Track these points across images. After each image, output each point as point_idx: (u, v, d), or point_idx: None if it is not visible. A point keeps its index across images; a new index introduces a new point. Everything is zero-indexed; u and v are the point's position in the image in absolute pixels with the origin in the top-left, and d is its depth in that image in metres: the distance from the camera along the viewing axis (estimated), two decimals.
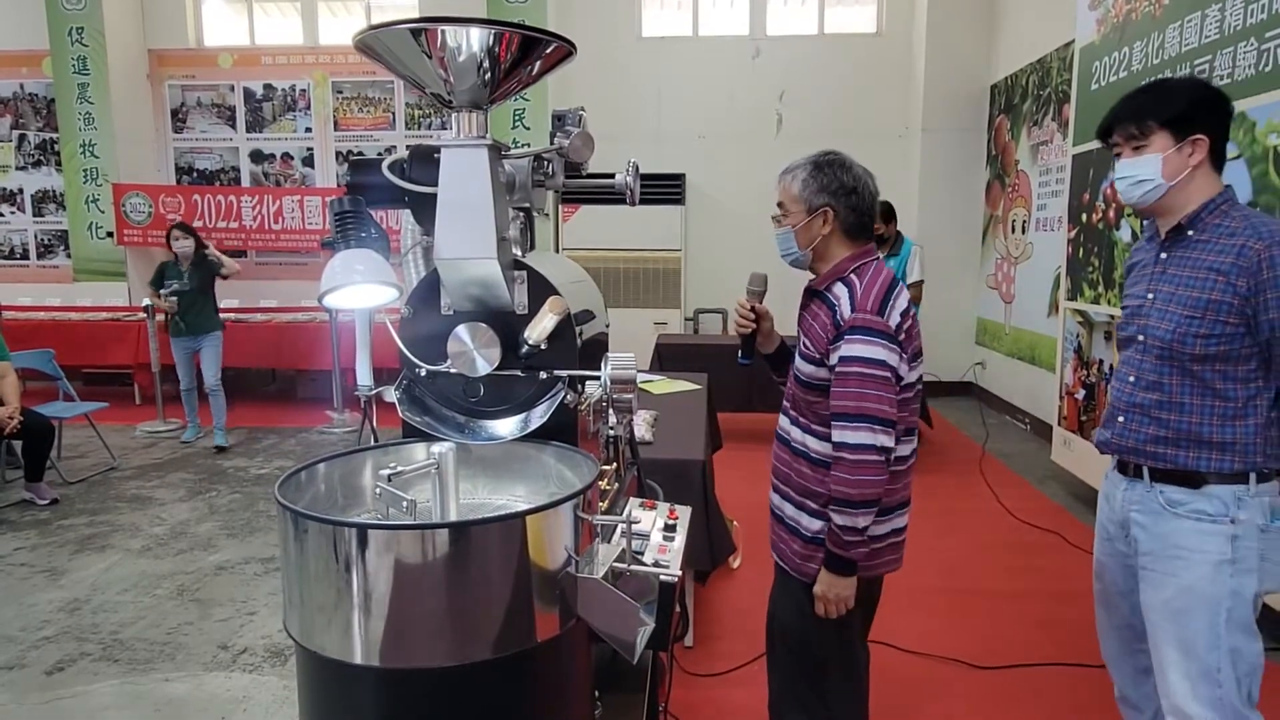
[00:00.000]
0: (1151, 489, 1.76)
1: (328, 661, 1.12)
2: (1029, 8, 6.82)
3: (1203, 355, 1.66)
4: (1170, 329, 1.69)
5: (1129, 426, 1.79)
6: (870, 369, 1.69)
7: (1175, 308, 1.69)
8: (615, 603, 1.16)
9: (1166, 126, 1.68)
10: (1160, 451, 1.73)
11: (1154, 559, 1.76)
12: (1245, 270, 1.61)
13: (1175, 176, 1.69)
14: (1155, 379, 1.74)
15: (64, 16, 8.00)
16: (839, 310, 1.76)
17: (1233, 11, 3.45)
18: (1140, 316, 1.78)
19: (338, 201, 1.39)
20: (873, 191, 1.88)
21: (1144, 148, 1.71)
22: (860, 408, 1.69)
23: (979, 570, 3.84)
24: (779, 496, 1.95)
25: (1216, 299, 1.64)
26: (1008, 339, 7.07)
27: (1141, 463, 1.77)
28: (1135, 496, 1.80)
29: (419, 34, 1.21)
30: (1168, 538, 1.73)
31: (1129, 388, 1.80)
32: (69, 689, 2.82)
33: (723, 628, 3.22)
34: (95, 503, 4.74)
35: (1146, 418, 1.75)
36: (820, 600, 1.82)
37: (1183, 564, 1.70)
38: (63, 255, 8.77)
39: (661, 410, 3.43)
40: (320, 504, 1.34)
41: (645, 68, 8.12)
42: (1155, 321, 1.73)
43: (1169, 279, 1.73)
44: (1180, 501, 1.72)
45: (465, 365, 1.40)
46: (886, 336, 1.71)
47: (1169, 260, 1.75)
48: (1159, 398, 1.73)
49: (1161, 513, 1.74)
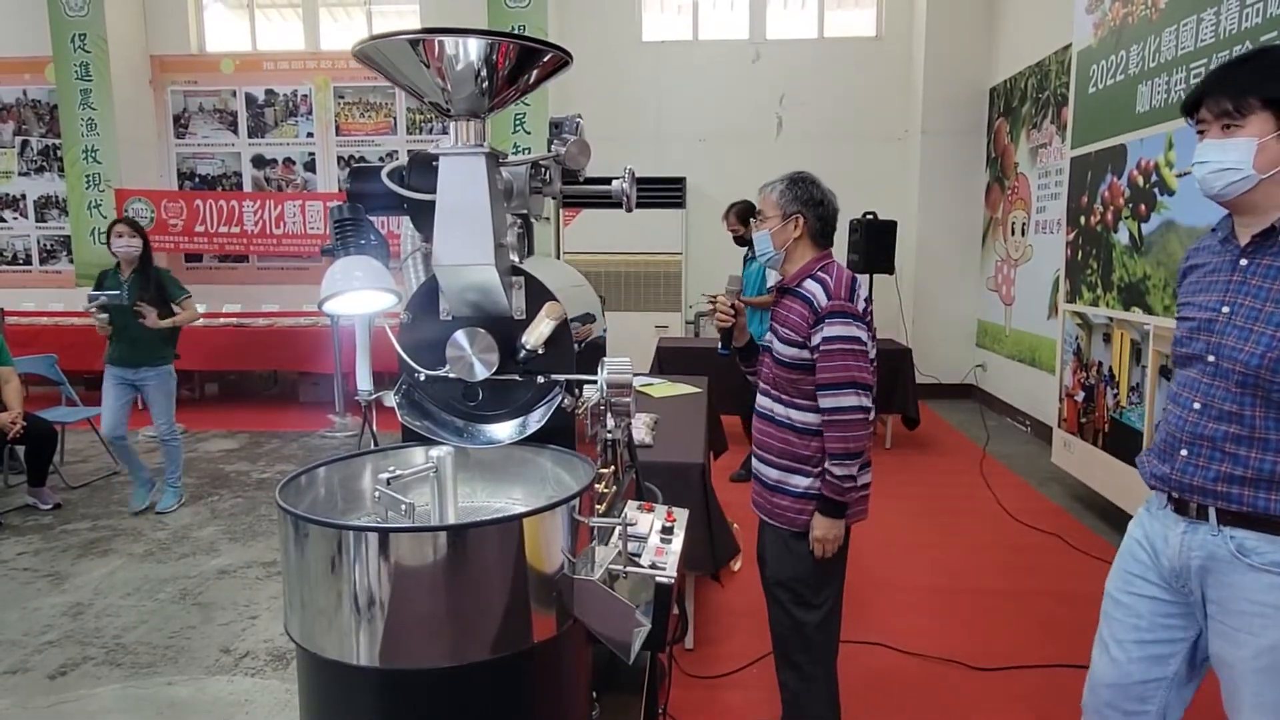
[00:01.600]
0: (1219, 533, 1.53)
1: (328, 663, 1.13)
2: (1027, 11, 6.84)
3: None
4: (1258, 352, 1.45)
5: (1195, 462, 1.55)
6: (850, 345, 2.03)
7: (1263, 327, 1.45)
8: (611, 604, 1.18)
9: (1270, 107, 1.42)
10: (1234, 492, 1.51)
11: (1225, 612, 1.54)
12: None
13: (1271, 168, 1.43)
14: (1233, 409, 1.50)
15: (66, 22, 8.04)
16: (815, 301, 2.07)
17: (1228, 15, 3.46)
18: (1210, 333, 1.54)
19: (338, 209, 1.41)
20: (835, 207, 2.21)
21: (1237, 129, 1.45)
22: (848, 377, 2.02)
23: (979, 571, 3.85)
24: (763, 464, 2.23)
25: None
26: (1008, 341, 7.08)
27: (1208, 504, 1.54)
28: (1197, 541, 1.57)
29: (417, 44, 1.23)
30: (1242, 590, 1.51)
31: (1194, 416, 1.56)
32: (72, 693, 2.84)
33: (723, 630, 3.24)
34: (98, 507, 4.76)
35: (1219, 453, 1.52)
36: (819, 542, 2.12)
37: (1264, 623, 1.49)
38: (65, 260, 8.80)
39: (662, 413, 3.45)
40: (321, 507, 1.35)
41: (646, 72, 8.15)
42: (1235, 341, 1.49)
43: (1254, 291, 1.48)
44: (1255, 550, 1.50)
45: (464, 370, 1.42)
46: (857, 319, 2.05)
47: (1253, 269, 1.50)
48: (1237, 431, 1.50)
49: (1232, 562, 1.52)
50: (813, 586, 2.19)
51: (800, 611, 2.21)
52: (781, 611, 2.24)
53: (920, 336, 7.65)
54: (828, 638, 2.24)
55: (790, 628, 2.23)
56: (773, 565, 2.26)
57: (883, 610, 3.43)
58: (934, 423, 6.83)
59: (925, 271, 7.86)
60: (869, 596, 3.53)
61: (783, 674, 2.30)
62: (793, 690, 2.28)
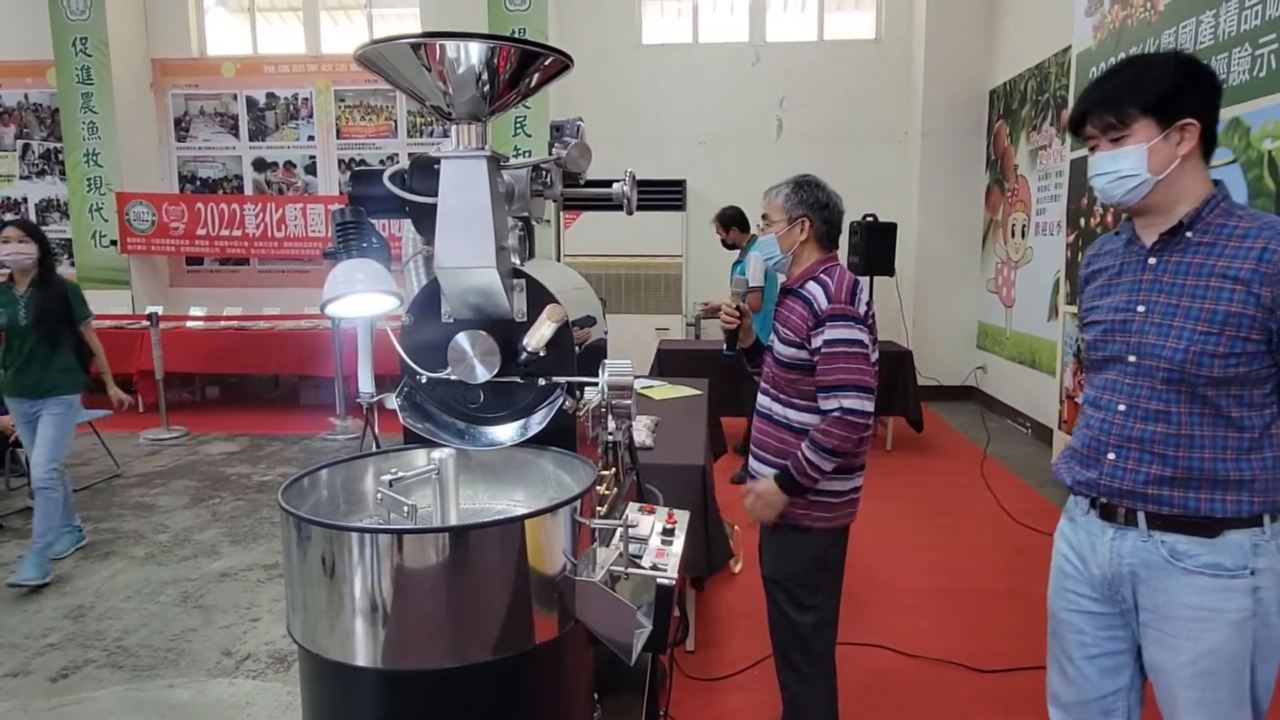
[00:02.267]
0: (1150, 538, 1.50)
1: (330, 664, 1.14)
2: (1027, 13, 6.85)
3: (1221, 378, 1.42)
4: (1180, 348, 1.44)
5: (1123, 465, 1.52)
6: (852, 348, 2.03)
7: (1183, 322, 1.45)
8: (612, 605, 1.18)
9: (1150, 112, 1.44)
10: (1165, 494, 1.48)
11: (1162, 619, 1.51)
12: (1269, 278, 1.38)
13: (1164, 169, 1.45)
14: (1160, 408, 1.48)
15: (68, 26, 8.05)
16: (816, 303, 2.07)
17: (1227, 17, 3.47)
18: (1128, 333, 1.52)
19: (340, 212, 1.42)
20: (840, 209, 2.21)
21: (1125, 139, 1.46)
22: (850, 380, 2.01)
23: (979, 573, 3.85)
24: (761, 463, 2.23)
25: (1236, 311, 1.40)
26: (1009, 343, 7.08)
27: (1138, 508, 1.51)
28: (1127, 548, 1.53)
29: (419, 48, 1.23)
30: (1178, 596, 1.48)
31: (1119, 418, 1.53)
32: (73, 696, 2.84)
33: (723, 632, 3.24)
34: (99, 510, 4.76)
35: (1147, 454, 1.49)
36: (757, 496, 2.13)
37: (1201, 627, 1.46)
38: (66, 264, 8.79)
39: (662, 415, 3.45)
40: (323, 509, 1.36)
41: (646, 74, 8.16)
42: (1156, 339, 1.48)
43: (1167, 289, 1.48)
44: (1188, 553, 1.47)
45: (465, 372, 1.42)
46: (858, 321, 2.05)
47: (1163, 266, 1.50)
48: (1164, 430, 1.47)
49: (1166, 567, 1.49)
50: (808, 587, 2.20)
51: (795, 612, 2.22)
52: (778, 611, 2.26)
53: (920, 338, 7.65)
54: (824, 639, 2.25)
55: (787, 628, 2.24)
56: (769, 564, 2.27)
57: (883, 612, 3.43)
58: (934, 424, 6.83)
59: (925, 273, 7.87)
60: (869, 598, 3.53)
61: (783, 674, 2.31)
62: (792, 691, 2.29)
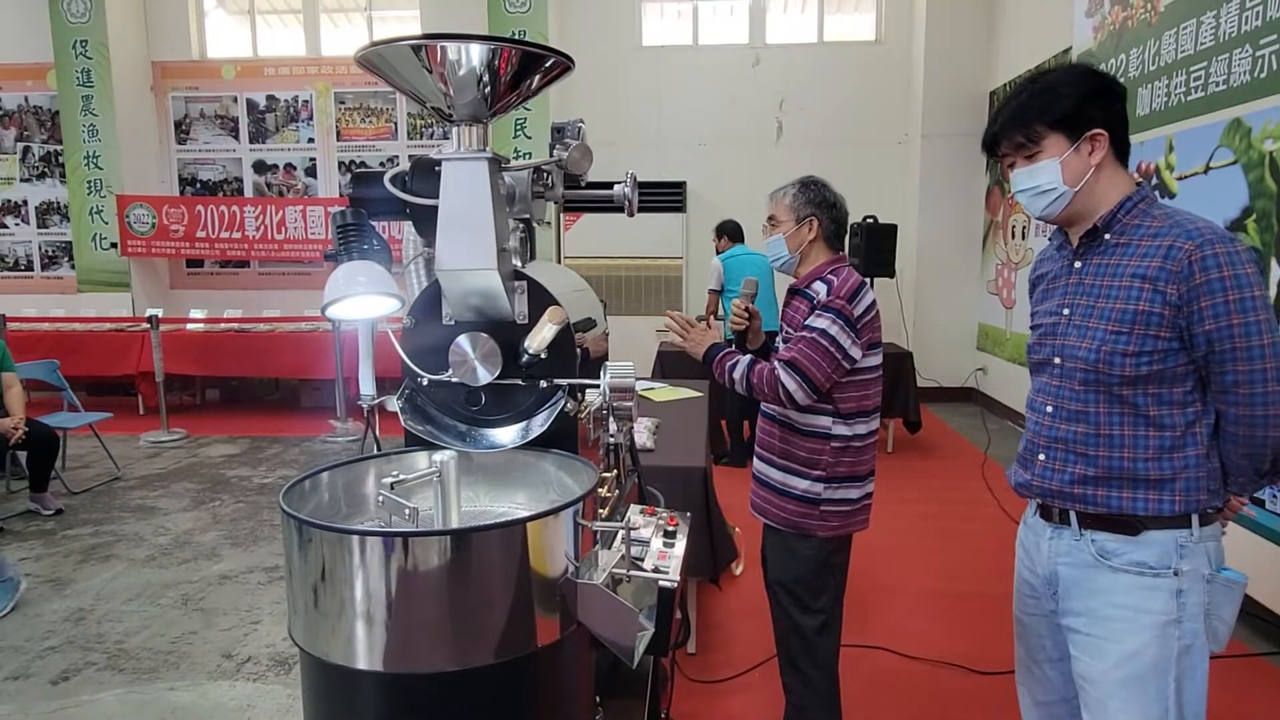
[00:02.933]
0: (1081, 537, 1.52)
1: (331, 667, 1.14)
2: (1027, 15, 6.86)
3: (1133, 377, 1.43)
4: (1093, 348, 1.46)
5: (1051, 465, 1.54)
6: (822, 339, 2.02)
7: (1097, 323, 1.47)
8: (614, 608, 1.18)
9: (1057, 127, 1.47)
10: (1089, 493, 1.49)
11: (1090, 621, 1.51)
12: (1175, 275, 1.38)
13: (1079, 180, 1.47)
14: (1079, 408, 1.50)
15: (68, 29, 8.06)
16: (817, 300, 2.08)
17: (1228, 19, 3.47)
18: (1055, 336, 1.55)
19: (340, 214, 1.41)
20: (845, 210, 2.23)
21: (1039, 154, 1.50)
22: (805, 367, 2.01)
23: (982, 575, 3.85)
24: (765, 464, 2.23)
25: (1144, 310, 1.41)
26: (1009, 344, 7.08)
27: (1068, 507, 1.53)
28: (1062, 547, 1.55)
29: (420, 50, 1.23)
30: (1105, 595, 1.49)
31: (1048, 420, 1.55)
32: (74, 699, 2.84)
33: (725, 634, 3.23)
34: (100, 513, 4.76)
35: (1071, 454, 1.51)
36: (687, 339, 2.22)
37: (1125, 627, 1.46)
38: (67, 266, 8.82)
39: (663, 418, 3.45)
40: (324, 512, 1.36)
41: (646, 76, 8.17)
42: (1075, 341, 1.50)
43: (1086, 291, 1.50)
44: (1115, 551, 1.48)
45: (466, 375, 1.42)
46: (847, 320, 2.04)
47: (1084, 269, 1.52)
48: (1084, 430, 1.49)
49: (1095, 565, 1.50)
50: (812, 590, 2.20)
51: (800, 615, 2.21)
52: (782, 613, 2.26)
53: (921, 340, 7.65)
54: (828, 642, 2.24)
55: (791, 631, 2.24)
56: (774, 567, 2.27)
57: (885, 614, 3.43)
58: (935, 426, 6.83)
59: (926, 275, 7.87)
60: (871, 600, 3.53)
61: (786, 677, 2.31)
62: (795, 693, 2.29)
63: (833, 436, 2.11)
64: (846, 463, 2.13)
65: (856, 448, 2.14)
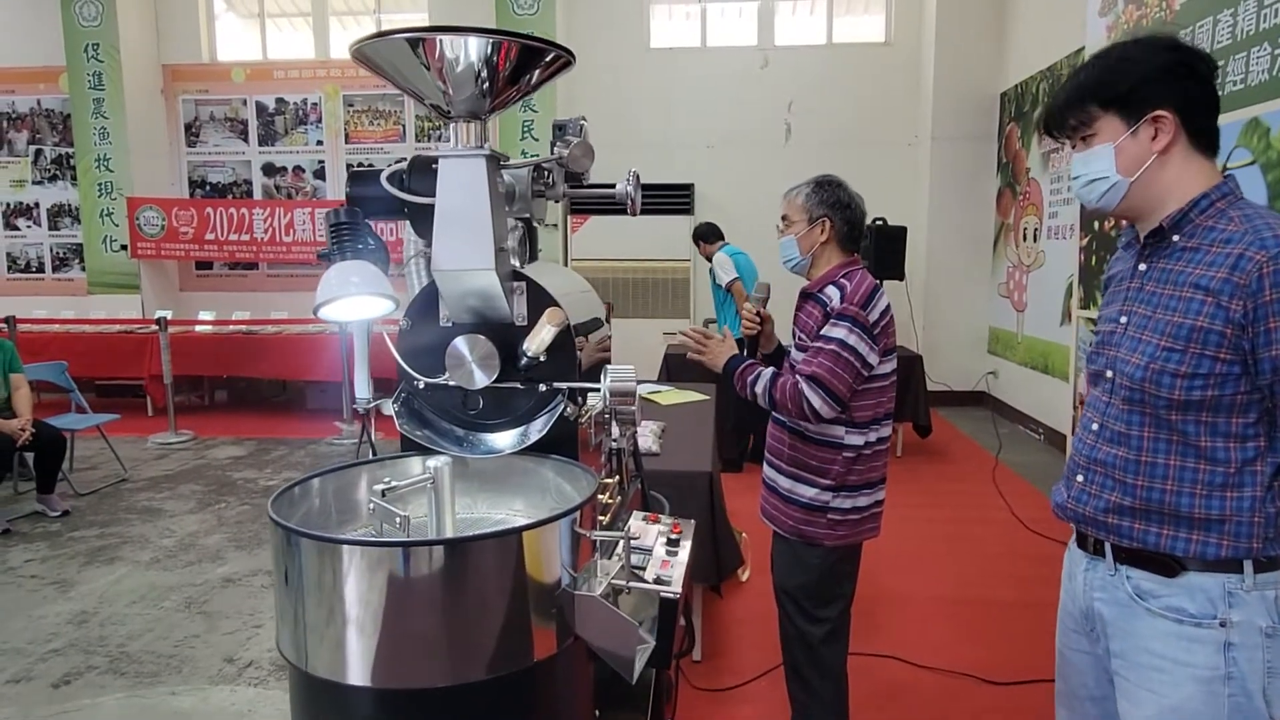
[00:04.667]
0: (1116, 572, 1.36)
1: (320, 681, 1.10)
2: (1038, 15, 6.79)
3: (1183, 401, 1.25)
4: (1141, 365, 1.28)
5: (1088, 489, 1.38)
6: (843, 351, 1.97)
7: (1150, 336, 1.29)
8: (614, 621, 1.14)
9: (1112, 107, 1.30)
10: (1123, 525, 1.33)
11: (1126, 665, 1.35)
12: (1242, 289, 1.19)
13: (1137, 168, 1.29)
14: (1122, 430, 1.33)
15: (80, 32, 8.10)
16: (830, 305, 2.02)
17: (1246, 16, 3.41)
18: (1110, 346, 1.37)
19: (334, 213, 1.38)
20: (862, 210, 2.16)
21: (1092, 138, 1.33)
22: (829, 381, 1.96)
23: (993, 581, 3.79)
24: (774, 470, 2.19)
25: (1202, 326, 1.22)
26: (1020, 348, 7.01)
27: (1101, 537, 1.37)
28: (1097, 581, 1.40)
29: (417, 45, 1.20)
30: (1139, 640, 1.33)
31: (1091, 438, 1.40)
32: (75, 703, 2.81)
33: (732, 641, 3.19)
34: (106, 514, 4.75)
35: (1109, 479, 1.35)
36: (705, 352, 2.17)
37: (1164, 679, 1.29)
38: (77, 268, 8.85)
39: (669, 421, 3.41)
40: (315, 519, 1.32)
41: (654, 78, 8.14)
42: (1126, 354, 1.32)
43: (1145, 298, 1.32)
44: (1152, 593, 1.31)
45: (464, 378, 1.38)
46: (864, 328, 1.99)
47: (1149, 273, 1.34)
48: (1125, 455, 1.32)
49: (1131, 605, 1.33)
50: (819, 600, 2.16)
51: (806, 623, 2.17)
52: (789, 622, 2.21)
53: (931, 343, 7.58)
54: (835, 651, 2.20)
55: (797, 639, 2.20)
56: (780, 574, 2.23)
57: (893, 621, 3.37)
58: (945, 430, 6.76)
59: (936, 278, 7.80)
60: (879, 607, 3.47)
61: (792, 686, 2.27)
62: (802, 703, 2.25)
63: (845, 446, 2.06)
64: (858, 471, 2.09)
65: (867, 455, 2.09)
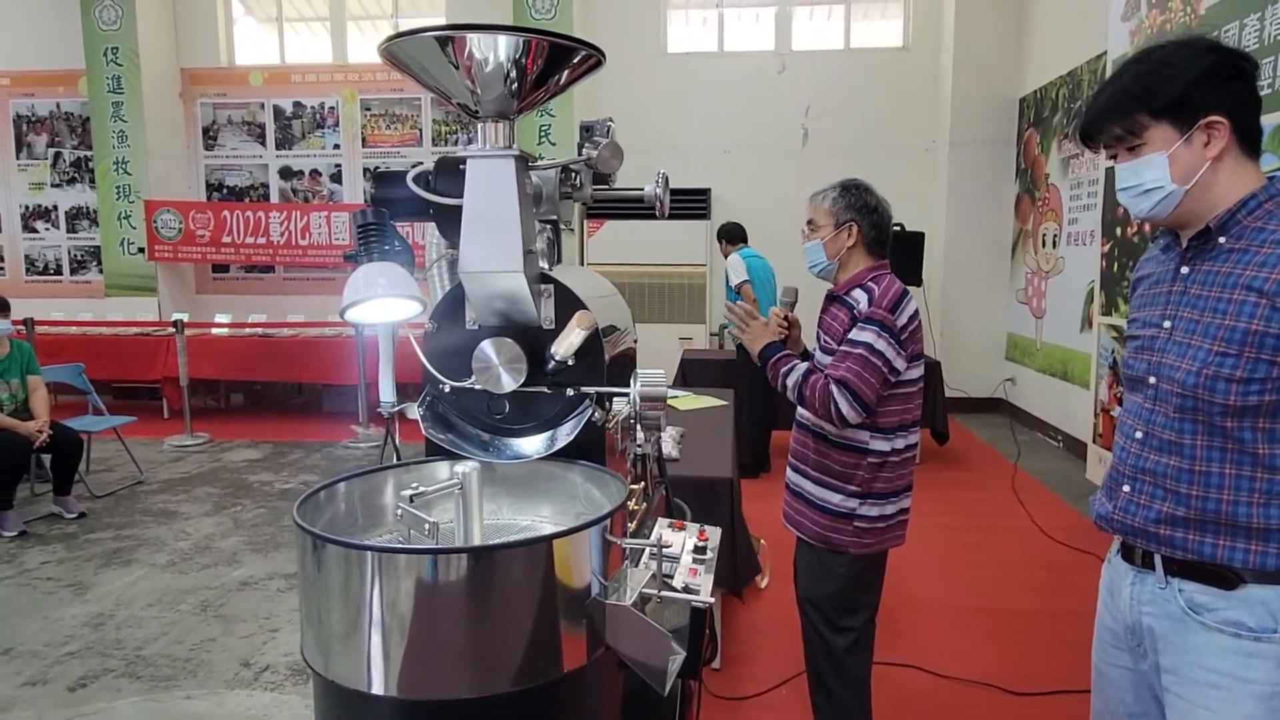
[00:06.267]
0: (1168, 585, 1.32)
1: (344, 691, 1.07)
2: (1059, 20, 6.74)
3: (1239, 407, 1.22)
4: (1194, 370, 1.25)
5: (1136, 499, 1.34)
6: (872, 355, 1.95)
7: (1200, 341, 1.26)
8: (646, 631, 1.11)
9: (1163, 116, 1.26)
10: (1176, 535, 1.29)
11: (1179, 682, 1.31)
12: None
13: (1192, 177, 1.26)
14: (1172, 438, 1.30)
15: (99, 36, 8.17)
16: (857, 309, 2.01)
17: (1273, 21, 3.36)
18: (1153, 351, 1.34)
19: (361, 214, 1.36)
20: (889, 214, 2.14)
21: (1141, 147, 1.29)
22: (856, 385, 1.94)
23: (1013, 590, 3.74)
24: (799, 475, 2.16)
25: (1258, 330, 1.20)
26: (1039, 355, 6.94)
27: (1152, 549, 1.33)
28: (1145, 595, 1.35)
29: (446, 43, 1.18)
30: (1194, 655, 1.29)
31: (1136, 447, 1.36)
32: (90, 706, 2.81)
33: (751, 649, 3.15)
34: (122, 516, 4.76)
35: (1159, 489, 1.31)
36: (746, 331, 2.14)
37: (1221, 696, 1.26)
38: (95, 270, 8.92)
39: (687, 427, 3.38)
40: (340, 524, 1.30)
41: (671, 83, 8.13)
42: (1174, 360, 1.29)
43: (1192, 302, 1.29)
44: (1206, 606, 1.27)
45: (490, 381, 1.36)
46: (891, 333, 1.97)
47: (1192, 276, 1.31)
48: (1177, 464, 1.29)
49: (1184, 620, 1.29)
50: (844, 609, 2.12)
51: (830, 633, 2.14)
52: (812, 631, 2.18)
53: (948, 349, 7.52)
54: (859, 661, 2.16)
55: (820, 648, 2.16)
56: (804, 582, 2.20)
57: (915, 630, 3.33)
58: (963, 437, 6.70)
59: (954, 283, 7.74)
60: (900, 615, 3.43)
61: (816, 696, 2.23)
62: (824, 713, 2.21)
63: (870, 452, 2.03)
64: (884, 478, 2.05)
65: (895, 462, 2.06)
